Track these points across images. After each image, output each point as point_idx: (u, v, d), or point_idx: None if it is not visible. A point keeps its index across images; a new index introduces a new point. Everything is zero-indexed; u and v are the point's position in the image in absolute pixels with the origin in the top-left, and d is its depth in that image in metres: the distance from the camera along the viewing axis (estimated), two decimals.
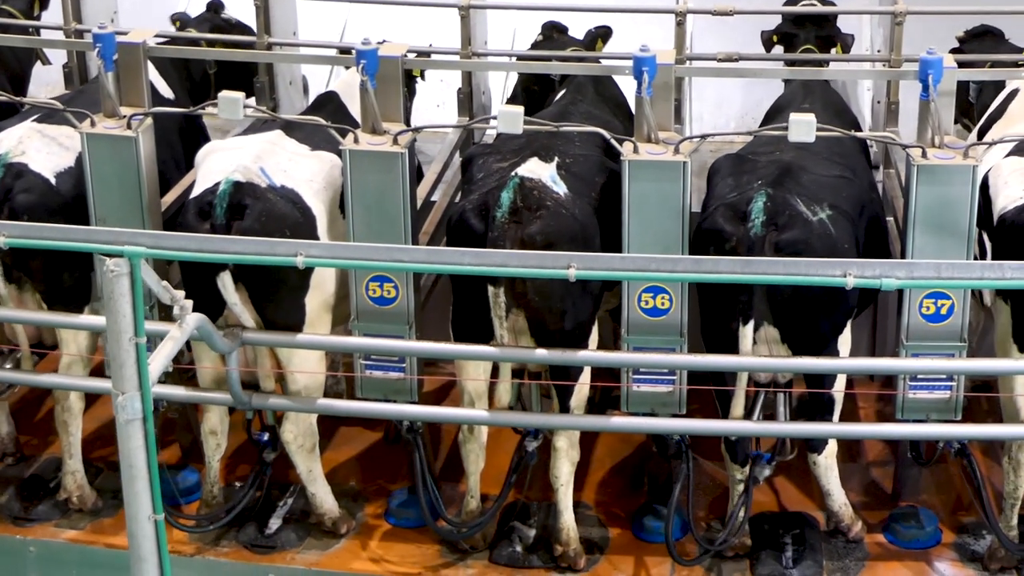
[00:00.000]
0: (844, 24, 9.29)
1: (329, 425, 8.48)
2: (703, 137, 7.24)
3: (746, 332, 7.11)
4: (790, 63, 8.76)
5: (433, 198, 8.55)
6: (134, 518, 5.85)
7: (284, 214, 7.28)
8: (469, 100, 9.04)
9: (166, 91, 8.66)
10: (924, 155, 7.02)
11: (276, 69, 9.21)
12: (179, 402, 7.93)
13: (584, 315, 7.37)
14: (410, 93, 9.34)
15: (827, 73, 8.50)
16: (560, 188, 7.26)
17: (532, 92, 9.06)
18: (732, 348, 7.18)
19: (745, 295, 7.06)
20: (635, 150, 7.11)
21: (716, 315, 7.29)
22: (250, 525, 7.94)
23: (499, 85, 9.62)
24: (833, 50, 8.92)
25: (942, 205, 7.04)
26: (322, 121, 7.36)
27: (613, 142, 7.12)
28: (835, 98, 8.55)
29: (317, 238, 7.41)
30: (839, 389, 7.49)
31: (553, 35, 9.25)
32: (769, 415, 7.58)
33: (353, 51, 7.33)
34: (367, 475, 8.42)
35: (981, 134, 8.06)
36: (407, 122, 7.83)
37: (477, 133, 9.16)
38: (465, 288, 7.29)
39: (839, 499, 7.74)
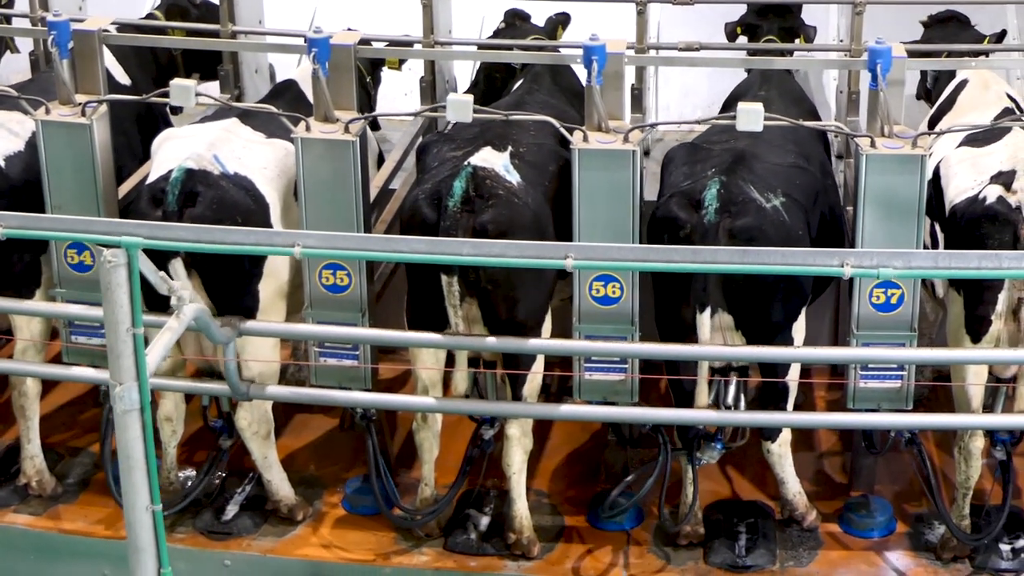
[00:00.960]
0: (812, 14, 9.32)
1: (286, 412, 8.51)
2: (652, 126, 7.26)
3: (703, 319, 7.12)
4: (752, 52, 8.76)
5: (393, 186, 8.57)
6: (132, 508, 5.85)
7: (236, 201, 7.30)
8: (432, 89, 9.03)
9: (123, 78, 8.68)
10: (873, 144, 7.03)
11: (241, 57, 9.23)
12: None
13: (537, 304, 7.39)
14: (375, 82, 9.41)
15: (784, 62, 8.48)
16: (513, 177, 7.28)
17: (494, 80, 9.08)
18: (687, 335, 7.20)
19: (701, 282, 7.07)
20: (585, 139, 7.12)
21: (671, 302, 7.30)
22: (207, 511, 7.97)
23: (466, 74, 9.63)
24: (797, 41, 8.93)
25: (891, 194, 7.05)
26: (274, 109, 7.37)
27: (563, 131, 7.12)
28: (793, 86, 8.56)
29: (270, 226, 7.43)
30: (793, 378, 7.51)
31: (515, 23, 9.28)
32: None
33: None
34: (324, 462, 8.45)
35: (932, 124, 8.08)
36: (363, 110, 7.83)
37: (442, 122, 9.17)
38: (419, 277, 7.30)
39: (793, 487, 7.76)
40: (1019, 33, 9.60)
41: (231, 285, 7.38)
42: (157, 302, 6.87)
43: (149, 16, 9.48)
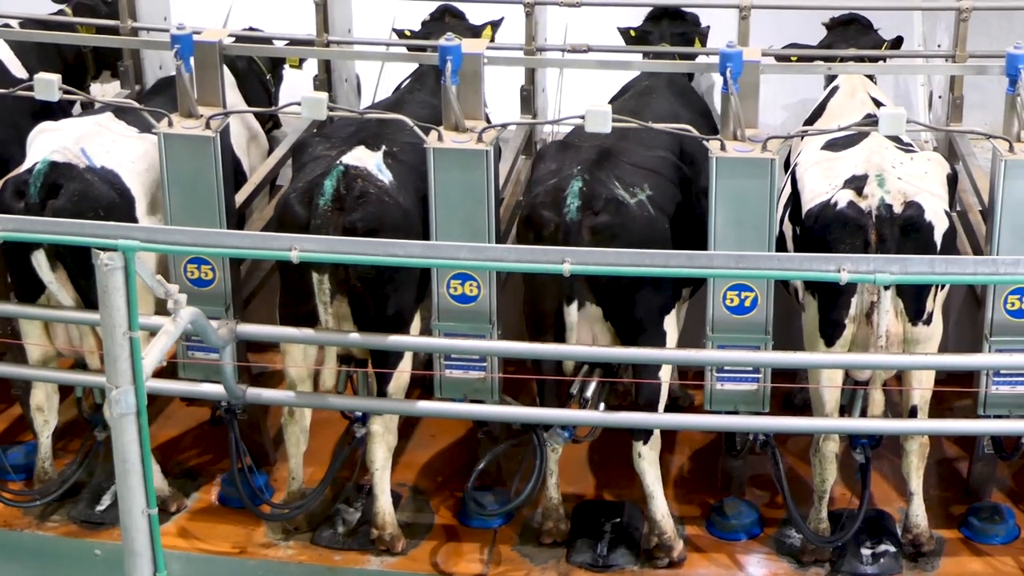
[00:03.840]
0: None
1: (161, 404, 8.59)
2: (503, 126, 7.30)
3: (571, 311, 7.18)
4: (651, 56, 8.78)
5: (281, 182, 8.65)
6: (127, 512, 5.83)
7: (99, 195, 7.39)
8: (327, 87, 9.09)
9: (20, 71, 8.79)
10: (723, 148, 7.07)
11: (143, 54, 9.30)
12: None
13: (405, 303, 7.45)
14: (276, 80, 9.48)
15: (663, 66, 8.51)
16: (386, 176, 7.34)
17: None
18: (555, 328, 7.26)
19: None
20: (440, 139, 7.18)
21: (539, 296, 7.34)
22: (81, 501, 8.07)
23: (372, 73, 9.67)
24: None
25: (741, 198, 7.08)
26: (137, 105, 7.47)
27: (418, 130, 7.18)
28: (681, 83, 8.59)
29: (135, 219, 7.52)
30: (664, 378, 7.54)
31: (444, 18, 9.27)
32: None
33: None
34: (202, 454, 8.52)
35: None
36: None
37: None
38: (291, 274, 7.37)
39: (660, 507, 7.60)
40: (924, 40, 9.59)
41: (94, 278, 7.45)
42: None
43: (59, 13, 9.57)
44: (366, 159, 7.40)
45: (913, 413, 7.42)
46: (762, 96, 10.01)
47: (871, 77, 8.71)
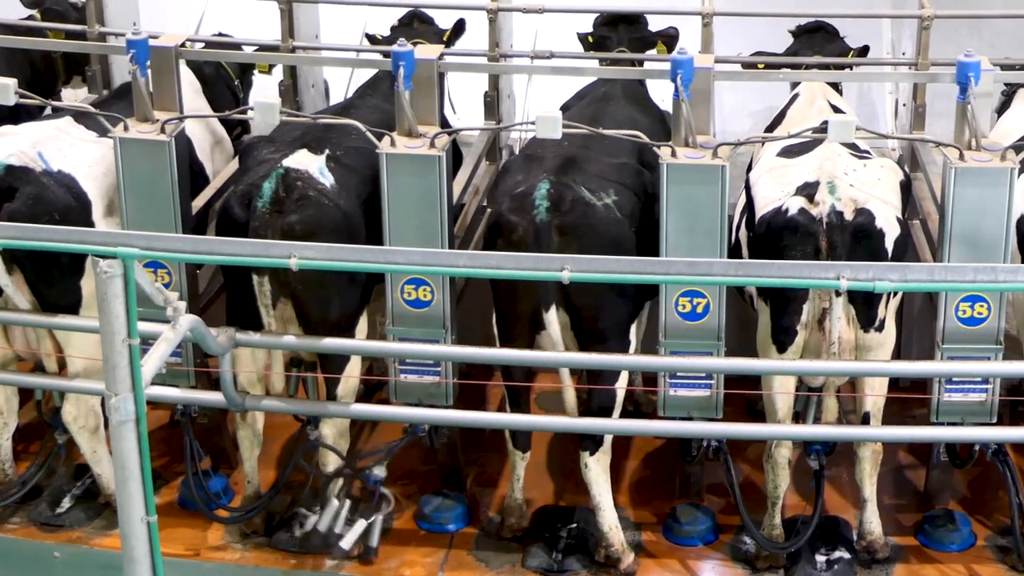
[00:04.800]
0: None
1: None
2: (455, 131, 7.34)
3: (551, 318, 7.22)
4: (604, 62, 8.80)
5: None
6: (127, 520, 5.81)
7: (55, 198, 7.42)
8: (292, 93, 9.13)
9: None
10: (674, 154, 7.09)
11: (111, 59, 9.35)
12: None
13: (351, 306, 7.48)
14: (245, 85, 9.52)
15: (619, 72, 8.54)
16: (327, 179, 7.37)
17: None
18: (530, 334, 7.32)
19: (543, 283, 7.11)
20: (392, 144, 7.21)
21: (512, 301, 7.36)
22: (41, 503, 8.10)
23: (343, 79, 9.70)
24: (654, 51, 8.97)
25: (692, 204, 7.10)
26: (93, 110, 7.51)
27: (370, 135, 7.21)
28: (637, 89, 8.62)
29: (91, 223, 7.55)
30: (621, 385, 7.56)
31: (413, 23, 9.29)
32: None
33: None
34: (162, 456, 8.55)
35: None
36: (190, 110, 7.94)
37: None
38: (234, 277, 7.41)
39: (609, 518, 7.59)
40: (892, 47, 9.61)
41: (53, 280, 7.51)
42: None
43: (30, 18, 9.62)
44: (308, 162, 7.42)
45: (866, 420, 7.43)
46: (730, 103, 10.16)
47: (835, 85, 8.74)
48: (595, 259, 6.84)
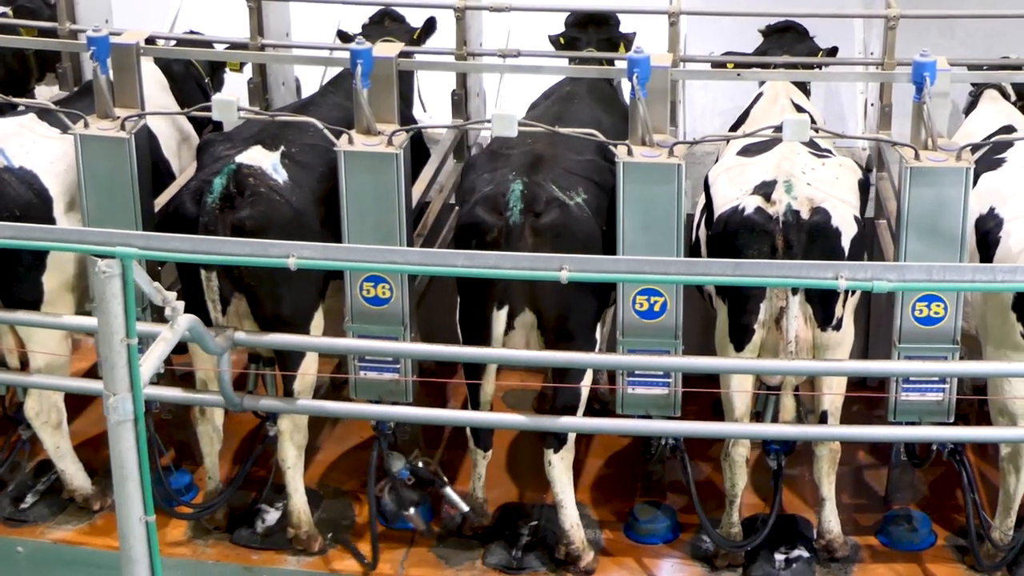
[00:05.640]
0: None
1: (84, 402, 8.63)
2: (411, 129, 7.35)
3: (500, 316, 7.23)
4: (574, 61, 8.81)
5: None
6: (125, 519, 5.77)
7: (15, 195, 7.45)
8: (261, 91, 9.14)
9: None
10: (630, 153, 7.10)
11: (82, 56, 9.37)
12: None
13: (306, 302, 7.49)
14: (216, 84, 9.53)
15: (585, 71, 8.54)
16: (280, 176, 7.38)
17: None
18: (486, 332, 7.31)
19: (503, 281, 7.13)
20: (350, 141, 7.23)
21: (474, 300, 7.37)
22: (5, 499, 8.14)
23: (315, 76, 9.72)
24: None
25: (648, 203, 7.11)
26: (52, 106, 7.53)
27: (328, 133, 7.22)
28: (604, 88, 8.62)
29: (52, 220, 7.57)
30: (586, 383, 7.56)
31: (384, 21, 9.30)
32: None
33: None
34: None
35: None
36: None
37: None
38: (186, 272, 7.42)
39: (571, 516, 7.60)
40: (863, 47, 9.60)
41: (15, 277, 7.53)
42: None
43: (2, 15, 9.65)
44: (261, 158, 7.42)
45: (824, 419, 7.44)
46: (701, 103, 10.16)
47: (803, 85, 8.75)
48: (594, 259, 6.88)
